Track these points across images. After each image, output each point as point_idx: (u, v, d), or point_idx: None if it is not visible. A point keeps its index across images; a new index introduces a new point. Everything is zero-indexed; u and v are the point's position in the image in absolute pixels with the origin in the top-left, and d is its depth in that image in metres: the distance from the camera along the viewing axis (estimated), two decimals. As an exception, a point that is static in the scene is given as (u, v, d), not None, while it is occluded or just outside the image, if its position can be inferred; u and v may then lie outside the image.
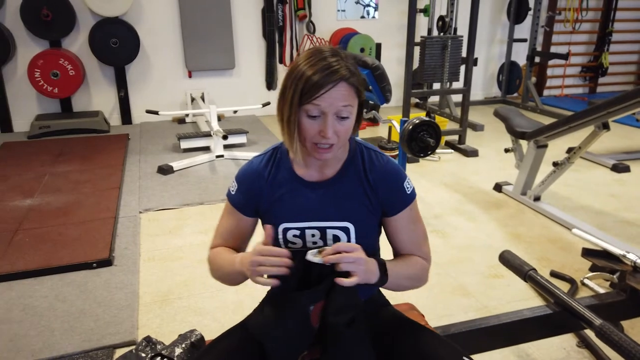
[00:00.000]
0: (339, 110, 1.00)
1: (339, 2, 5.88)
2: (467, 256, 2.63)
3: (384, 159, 1.16)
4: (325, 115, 1.00)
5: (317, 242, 1.13)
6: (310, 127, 1.01)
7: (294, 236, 1.13)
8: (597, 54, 6.92)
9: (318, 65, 0.98)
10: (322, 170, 1.14)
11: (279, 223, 1.13)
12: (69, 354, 1.86)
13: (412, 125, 2.77)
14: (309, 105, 0.99)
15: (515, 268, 1.80)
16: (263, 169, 1.16)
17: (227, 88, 5.70)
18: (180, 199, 3.35)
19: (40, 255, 2.53)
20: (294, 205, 1.13)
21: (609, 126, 2.64)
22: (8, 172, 3.82)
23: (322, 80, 0.97)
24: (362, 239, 1.14)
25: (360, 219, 1.13)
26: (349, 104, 1.01)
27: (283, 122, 1.04)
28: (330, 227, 1.12)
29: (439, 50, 4.00)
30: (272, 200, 1.14)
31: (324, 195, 1.13)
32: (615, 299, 1.69)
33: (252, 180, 1.15)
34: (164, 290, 2.32)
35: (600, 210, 3.21)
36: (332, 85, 0.98)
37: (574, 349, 1.90)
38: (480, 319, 1.58)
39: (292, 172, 1.14)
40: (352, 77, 1.00)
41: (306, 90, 0.98)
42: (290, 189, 1.13)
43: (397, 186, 1.14)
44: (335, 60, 0.99)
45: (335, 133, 1.01)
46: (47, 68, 4.75)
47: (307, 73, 0.98)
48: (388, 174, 1.14)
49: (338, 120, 1.01)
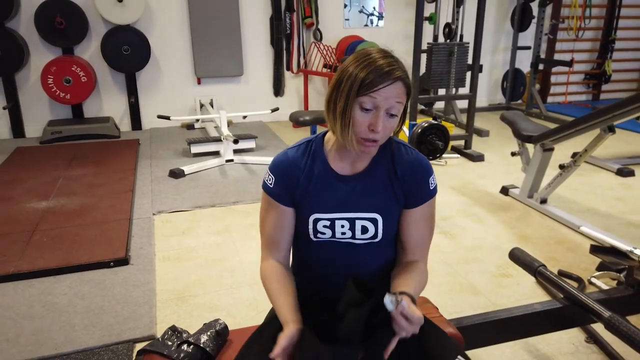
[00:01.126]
0: (392, 106, 1.05)
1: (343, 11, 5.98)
2: (476, 256, 2.68)
3: (414, 152, 1.21)
4: (378, 110, 1.05)
5: (346, 233, 1.17)
6: (362, 120, 1.06)
7: (324, 226, 1.17)
8: (600, 62, 6.99)
9: (375, 64, 1.04)
10: (354, 163, 1.18)
11: (310, 213, 1.17)
12: (90, 347, 1.92)
13: (421, 128, 2.84)
14: (365, 97, 1.04)
15: (525, 264, 1.86)
16: (299, 159, 1.19)
17: (236, 94, 5.78)
18: (192, 201, 3.42)
19: (58, 255, 2.59)
20: (326, 196, 1.17)
21: (615, 129, 2.70)
22: (22, 175, 3.89)
23: (383, 76, 1.03)
24: (388, 230, 1.19)
25: (388, 211, 1.18)
26: (401, 102, 1.07)
27: (336, 113, 1.09)
28: (359, 218, 1.17)
29: (445, 56, 4.07)
30: (305, 191, 1.18)
31: (354, 187, 1.17)
32: (623, 294, 1.74)
33: (289, 170, 1.18)
34: (179, 288, 2.38)
35: (606, 212, 3.26)
36: (391, 82, 1.04)
37: (583, 344, 1.94)
38: (492, 312, 1.63)
39: (326, 164, 1.18)
40: (407, 78, 1.07)
41: (366, 82, 1.03)
42: (323, 180, 1.18)
43: (424, 179, 1.18)
44: (391, 60, 1.06)
45: (383, 130, 1.07)
46: (60, 75, 4.85)
47: (367, 69, 1.04)
48: (416, 167, 1.18)
49: (387, 117, 1.07)
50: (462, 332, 1.41)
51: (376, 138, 1.08)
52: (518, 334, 1.68)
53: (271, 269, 1.21)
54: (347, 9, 5.99)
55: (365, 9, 6.06)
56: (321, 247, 1.20)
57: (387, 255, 1.24)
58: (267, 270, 1.22)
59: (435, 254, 2.69)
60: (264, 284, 1.21)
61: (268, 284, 1.19)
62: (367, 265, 1.22)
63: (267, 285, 1.20)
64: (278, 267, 1.22)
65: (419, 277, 1.19)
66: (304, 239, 1.21)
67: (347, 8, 5.99)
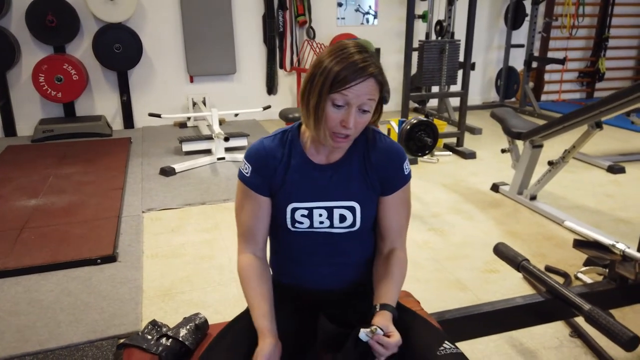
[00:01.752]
0: (363, 103, 1.06)
1: (338, 10, 5.98)
2: (465, 253, 2.68)
3: (387, 140, 1.22)
4: (349, 107, 1.06)
5: (324, 222, 1.18)
6: (334, 116, 1.07)
7: (302, 216, 1.18)
8: (594, 60, 7.01)
9: (350, 59, 1.04)
10: (330, 154, 1.19)
11: (288, 203, 1.18)
12: (75, 343, 1.91)
13: (410, 125, 2.84)
14: (337, 95, 1.05)
15: (508, 259, 1.86)
16: (276, 149, 1.19)
17: (228, 93, 5.78)
18: (182, 199, 3.41)
19: (45, 252, 2.59)
20: (303, 186, 1.18)
21: (602, 125, 2.71)
22: (13, 174, 3.88)
23: (355, 74, 1.03)
24: (366, 218, 1.20)
25: (365, 199, 1.19)
26: (373, 98, 1.07)
27: (309, 108, 1.09)
28: (337, 207, 1.18)
29: (436, 53, 4.08)
30: (282, 180, 1.18)
31: (331, 176, 1.18)
32: (605, 288, 1.74)
33: (266, 159, 1.18)
34: (166, 285, 2.37)
35: (596, 209, 3.27)
36: (362, 80, 1.04)
37: (567, 338, 1.95)
38: (473, 306, 1.63)
39: (303, 154, 1.19)
40: (380, 75, 1.07)
41: (338, 80, 1.03)
42: (300, 170, 1.18)
43: (398, 165, 1.20)
44: (366, 56, 1.05)
45: (354, 126, 1.08)
46: (51, 73, 4.83)
47: (341, 65, 1.03)
48: (390, 153, 1.20)
49: (359, 113, 1.07)
50: (444, 325, 1.41)
51: (348, 133, 1.09)
52: (500, 327, 1.68)
53: (249, 266, 1.20)
54: (343, 7, 5.99)
55: (361, 8, 6.07)
56: (300, 237, 1.21)
57: (366, 243, 1.25)
58: (245, 266, 1.21)
59: (424, 250, 2.69)
60: (241, 280, 1.20)
61: (246, 283, 1.19)
62: (346, 254, 1.23)
63: (244, 284, 1.19)
64: (256, 263, 1.21)
65: (399, 272, 1.20)
66: (282, 230, 1.22)
67: (343, 7, 5.99)
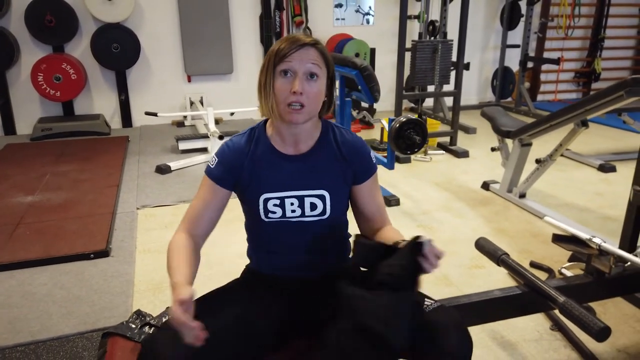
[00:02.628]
0: (308, 68, 1.14)
1: (338, 11, 6.03)
2: (452, 249, 2.72)
3: (352, 134, 1.31)
4: (295, 73, 1.14)
5: (296, 211, 1.23)
6: (283, 86, 1.14)
7: (274, 205, 1.23)
8: (590, 60, 7.04)
9: (294, 36, 1.17)
10: (297, 145, 1.25)
11: (259, 194, 1.23)
12: (65, 335, 1.96)
13: (399, 123, 2.88)
14: (282, 64, 1.14)
15: (489, 253, 1.90)
16: (244, 145, 1.25)
17: (226, 92, 5.83)
18: (177, 196, 3.46)
19: (39, 247, 2.64)
20: (274, 177, 1.23)
21: (588, 124, 2.74)
22: (10, 171, 3.93)
23: (294, 44, 1.14)
24: (336, 206, 1.26)
25: (335, 188, 1.25)
26: (317, 64, 1.15)
27: (261, 87, 1.18)
28: (307, 196, 1.23)
29: (429, 53, 4.12)
30: (252, 173, 1.23)
31: (301, 166, 1.24)
32: (582, 281, 1.78)
33: (234, 155, 1.24)
34: (157, 280, 2.42)
35: (585, 207, 3.30)
36: (301, 47, 1.14)
37: (547, 331, 1.99)
38: (451, 298, 1.67)
39: (270, 146, 1.25)
40: (319, 45, 1.17)
41: (280, 53, 1.14)
42: (270, 162, 1.24)
43: (366, 157, 1.30)
44: (308, 36, 1.18)
45: (306, 94, 1.14)
46: (50, 72, 4.89)
47: (284, 41, 1.16)
48: (359, 147, 1.29)
49: (308, 81, 1.14)
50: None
51: (300, 101, 1.14)
52: (479, 319, 1.72)
53: (182, 242, 1.18)
54: (343, 8, 6.03)
55: (361, 9, 6.11)
56: (273, 227, 1.26)
57: (336, 232, 1.32)
58: (178, 241, 1.18)
59: (411, 246, 2.73)
60: (168, 251, 1.16)
61: (173, 253, 1.14)
62: (318, 241, 1.28)
63: (171, 254, 1.14)
64: (189, 241, 1.19)
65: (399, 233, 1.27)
66: (256, 221, 1.26)
67: (343, 8, 6.03)
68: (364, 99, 3.22)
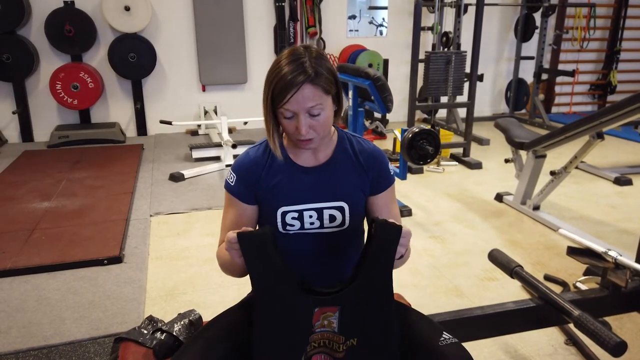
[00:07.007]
0: (307, 109, 1.10)
1: (352, 22, 6.07)
2: (464, 260, 2.70)
3: (370, 144, 1.28)
4: (297, 115, 1.11)
5: (314, 223, 1.22)
6: (289, 126, 1.13)
7: (292, 218, 1.21)
8: (605, 72, 6.98)
9: (281, 73, 1.07)
10: (315, 155, 1.24)
11: (277, 207, 1.21)
12: (78, 340, 1.98)
13: (412, 133, 2.88)
14: (281, 109, 1.11)
15: (502, 265, 1.88)
16: (260, 157, 1.24)
17: (239, 102, 5.88)
18: (190, 204, 3.49)
19: (54, 252, 2.67)
20: (291, 189, 1.21)
21: (603, 136, 2.72)
22: (28, 177, 4.00)
23: (287, 87, 1.07)
24: (355, 218, 1.24)
25: (354, 199, 1.23)
26: (318, 103, 1.09)
27: (266, 122, 1.18)
28: (326, 208, 1.21)
29: (442, 64, 4.12)
30: (270, 186, 1.22)
31: (318, 178, 1.22)
32: (597, 295, 1.75)
33: (250, 168, 1.23)
34: (169, 286, 2.43)
35: (600, 220, 3.26)
36: (296, 90, 1.06)
37: (562, 346, 1.96)
38: (464, 310, 1.66)
39: (287, 158, 1.23)
40: (316, 78, 1.07)
41: (274, 95, 1.10)
42: (287, 174, 1.22)
43: (385, 167, 1.27)
44: (295, 65, 1.07)
45: (312, 128, 1.12)
46: (68, 81, 4.98)
47: (274, 82, 1.09)
48: (377, 157, 1.26)
49: (311, 117, 1.11)
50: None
51: (307, 138, 1.13)
52: (492, 331, 1.70)
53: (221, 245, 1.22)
54: (357, 19, 6.08)
55: (374, 20, 6.15)
56: (291, 239, 1.24)
57: (354, 243, 1.29)
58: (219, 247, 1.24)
59: (423, 257, 2.72)
60: (218, 260, 1.23)
61: (220, 252, 1.21)
62: (336, 253, 1.27)
63: (219, 255, 1.21)
64: None
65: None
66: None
67: (357, 19, 6.08)
68: (377, 109, 3.23)
